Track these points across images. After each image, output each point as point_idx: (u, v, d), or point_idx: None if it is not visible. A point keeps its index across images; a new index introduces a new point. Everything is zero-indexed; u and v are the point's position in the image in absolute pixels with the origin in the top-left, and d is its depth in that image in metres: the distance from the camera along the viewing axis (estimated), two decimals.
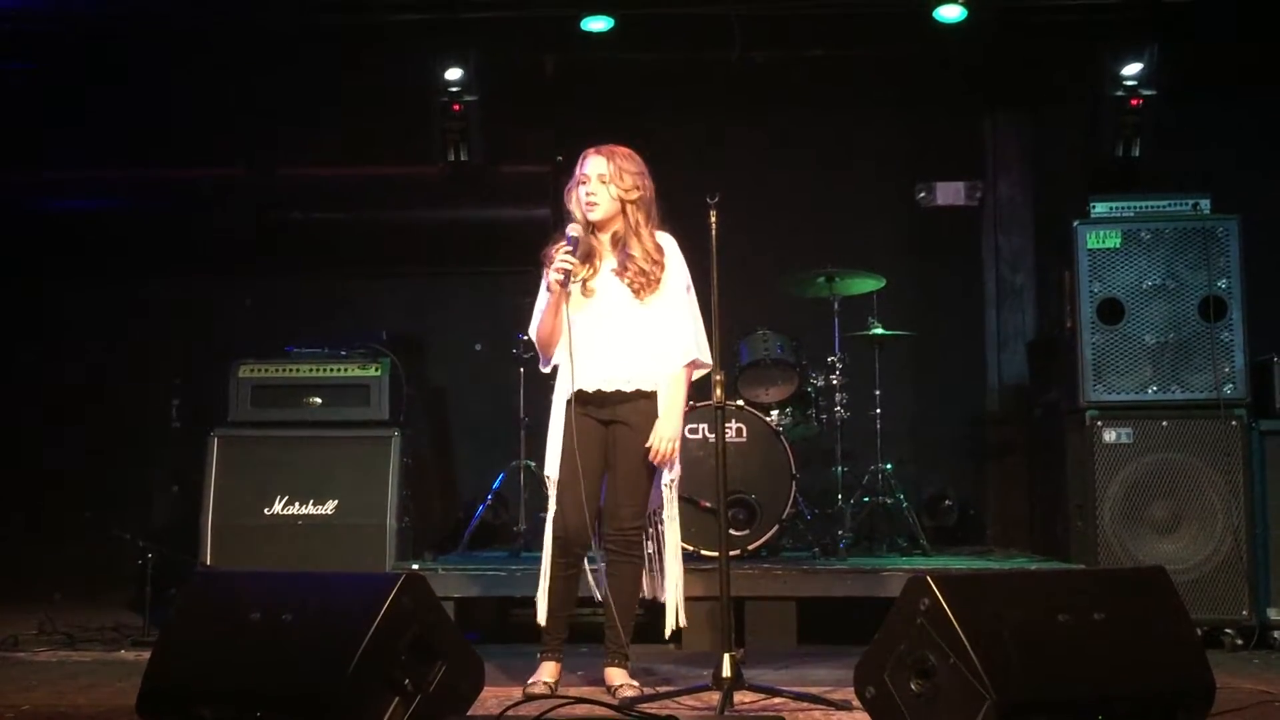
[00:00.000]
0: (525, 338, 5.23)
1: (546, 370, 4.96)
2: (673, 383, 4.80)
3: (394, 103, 7.85)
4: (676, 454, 4.81)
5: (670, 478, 4.84)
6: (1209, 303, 6.18)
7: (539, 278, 4.87)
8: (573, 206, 4.87)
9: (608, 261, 4.82)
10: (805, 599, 6.16)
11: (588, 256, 4.79)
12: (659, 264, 4.81)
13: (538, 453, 4.97)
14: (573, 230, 4.76)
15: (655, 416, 4.78)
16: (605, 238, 4.84)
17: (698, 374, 4.92)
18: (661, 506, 4.85)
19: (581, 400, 4.76)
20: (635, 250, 4.79)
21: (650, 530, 4.88)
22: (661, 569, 4.88)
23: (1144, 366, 6.22)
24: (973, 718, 3.54)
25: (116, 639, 6.20)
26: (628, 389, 4.79)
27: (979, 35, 7.47)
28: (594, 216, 4.81)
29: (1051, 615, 3.78)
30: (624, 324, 4.79)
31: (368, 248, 8.30)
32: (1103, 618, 3.81)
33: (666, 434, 4.75)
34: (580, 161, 4.86)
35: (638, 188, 4.82)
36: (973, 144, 8.47)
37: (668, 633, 4.87)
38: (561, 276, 4.67)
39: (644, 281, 4.78)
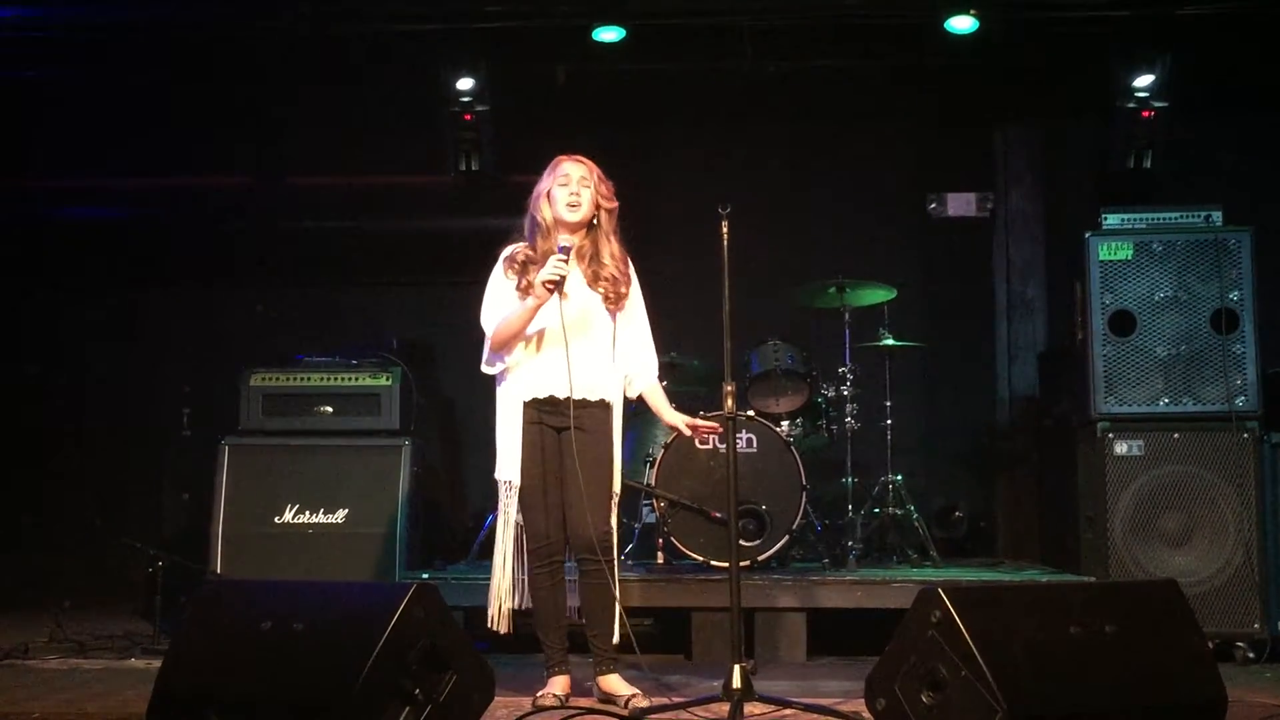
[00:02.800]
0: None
1: (492, 370, 4.95)
2: (657, 390, 5.04)
3: (405, 112, 7.88)
4: (618, 473, 4.89)
5: (617, 489, 4.89)
6: (1221, 315, 6.16)
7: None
8: (543, 211, 4.89)
9: (576, 271, 4.85)
10: (815, 610, 6.14)
11: None
12: (626, 274, 4.91)
13: None
14: (565, 240, 4.80)
15: (609, 425, 4.86)
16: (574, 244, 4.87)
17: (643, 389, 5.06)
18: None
19: (542, 405, 4.80)
20: (605, 259, 4.87)
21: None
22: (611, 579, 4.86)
23: (1155, 379, 6.21)
24: None
25: (127, 647, 6.20)
26: (592, 398, 4.82)
27: (990, 46, 7.47)
28: (576, 217, 4.84)
29: (1063, 628, 3.78)
30: (596, 333, 4.85)
31: (379, 257, 8.31)
32: (1114, 630, 3.80)
33: (684, 419, 4.99)
34: (552, 167, 4.92)
35: (610, 198, 4.91)
36: (984, 155, 8.46)
37: (615, 641, 4.87)
38: (555, 282, 4.67)
39: (617, 293, 4.87)
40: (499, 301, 4.89)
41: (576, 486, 4.74)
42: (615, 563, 4.86)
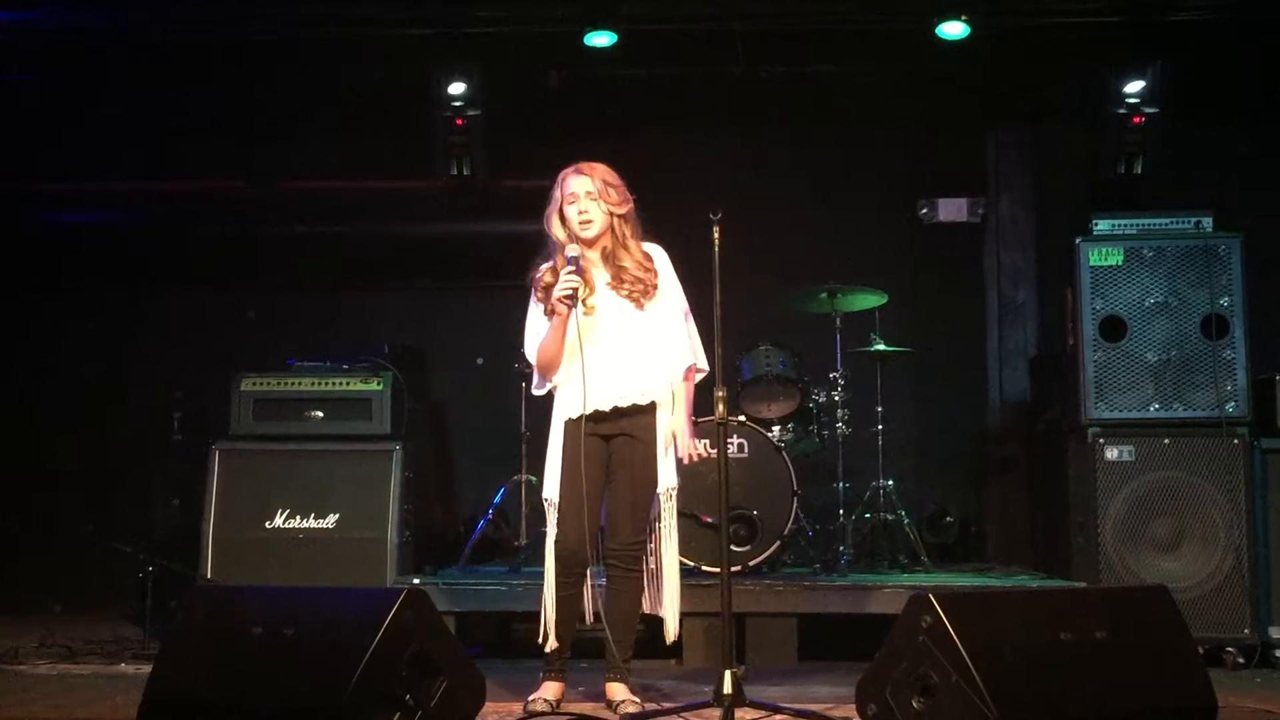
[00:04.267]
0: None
1: (540, 393, 4.94)
2: (679, 386, 4.88)
3: (397, 116, 7.87)
4: (665, 472, 4.84)
5: (668, 487, 4.84)
6: (1211, 320, 6.18)
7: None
8: (555, 230, 4.86)
9: (601, 277, 4.83)
10: (806, 615, 6.15)
11: (583, 275, 4.77)
12: (651, 270, 4.85)
13: (538, 467, 4.97)
14: (572, 250, 4.75)
15: (654, 427, 4.81)
16: (595, 254, 4.85)
17: (698, 377, 4.96)
18: (659, 516, 4.85)
19: (589, 419, 4.75)
20: (626, 262, 4.82)
21: (649, 544, 4.88)
22: (660, 581, 4.85)
23: (1146, 384, 6.22)
24: None
25: (116, 652, 6.18)
26: (643, 402, 4.80)
27: (982, 52, 7.48)
28: (589, 234, 4.80)
29: (1053, 634, 3.78)
30: (628, 337, 4.80)
31: (370, 261, 8.30)
32: (1104, 636, 3.81)
33: (682, 428, 4.79)
34: (560, 182, 4.88)
35: (625, 201, 4.86)
36: (975, 160, 8.47)
37: (669, 640, 4.86)
38: (569, 296, 4.66)
39: (642, 289, 4.81)
40: (535, 327, 4.88)
41: (614, 496, 4.77)
42: (645, 571, 4.83)
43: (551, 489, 4.81)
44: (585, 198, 4.80)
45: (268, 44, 7.37)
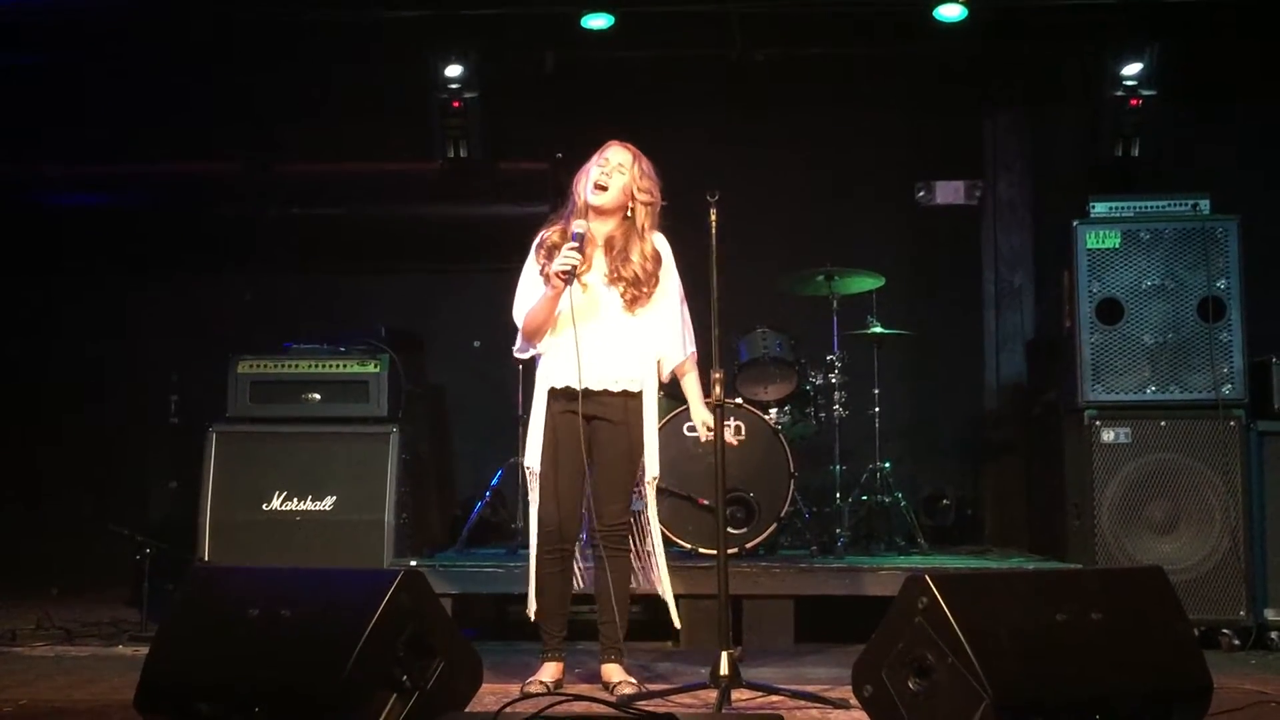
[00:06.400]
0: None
1: (524, 356, 4.96)
2: (688, 378, 4.94)
3: (394, 99, 7.85)
4: (649, 462, 4.86)
5: (652, 476, 4.86)
6: (1208, 303, 6.18)
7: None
8: (578, 190, 4.85)
9: (599, 262, 4.82)
10: (803, 597, 6.16)
11: (582, 251, 4.76)
12: (654, 276, 4.83)
13: None
14: (578, 226, 4.73)
15: (637, 413, 4.83)
16: (601, 231, 4.84)
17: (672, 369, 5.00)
18: (645, 507, 4.87)
19: (567, 395, 4.76)
20: (634, 256, 4.80)
21: (636, 528, 4.89)
22: (653, 564, 4.89)
23: (1143, 366, 6.23)
24: (970, 717, 3.54)
25: (114, 634, 6.20)
26: (615, 389, 4.81)
27: (979, 34, 7.48)
28: (599, 201, 4.79)
29: (1049, 615, 3.78)
30: (613, 328, 4.81)
31: (367, 244, 8.30)
32: (1100, 617, 3.81)
33: (706, 417, 4.80)
34: (603, 148, 4.87)
35: (651, 193, 4.84)
36: (972, 143, 8.47)
37: (677, 624, 4.93)
38: (566, 273, 4.66)
39: (636, 294, 4.80)
40: (527, 290, 4.87)
41: (597, 477, 4.77)
42: (631, 553, 4.85)
43: (533, 457, 4.83)
44: (615, 168, 4.80)
45: (265, 26, 7.35)
